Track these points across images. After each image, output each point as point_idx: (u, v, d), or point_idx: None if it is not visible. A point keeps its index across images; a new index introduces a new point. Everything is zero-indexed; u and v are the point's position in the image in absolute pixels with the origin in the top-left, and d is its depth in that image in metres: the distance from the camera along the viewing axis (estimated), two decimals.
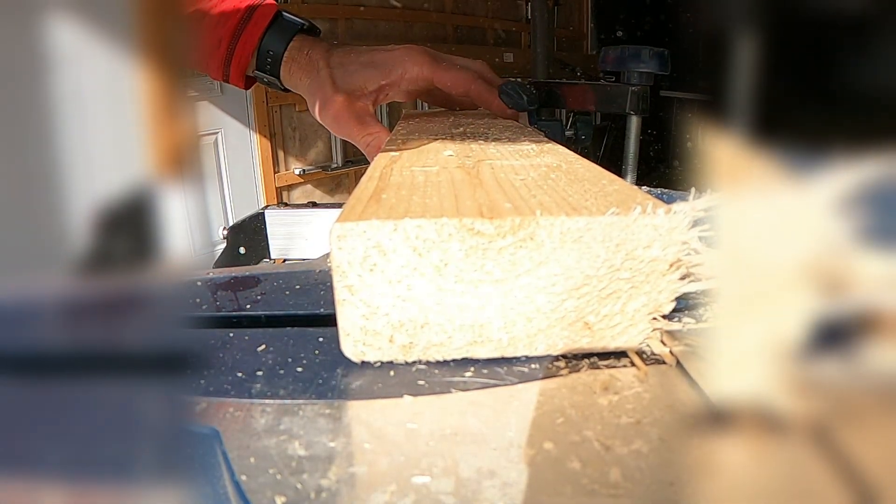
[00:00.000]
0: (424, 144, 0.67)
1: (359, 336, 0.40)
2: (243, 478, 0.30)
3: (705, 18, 0.35)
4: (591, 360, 0.40)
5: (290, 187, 4.16)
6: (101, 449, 0.28)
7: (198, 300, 0.54)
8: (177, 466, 0.30)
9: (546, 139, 0.73)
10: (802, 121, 0.31)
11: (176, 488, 0.29)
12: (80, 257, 0.30)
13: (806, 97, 0.31)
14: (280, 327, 0.48)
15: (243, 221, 1.66)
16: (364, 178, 0.50)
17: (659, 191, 0.87)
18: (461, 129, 0.80)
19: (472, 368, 0.40)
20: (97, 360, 0.28)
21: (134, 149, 0.32)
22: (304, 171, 4.13)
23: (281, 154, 4.09)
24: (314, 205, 1.71)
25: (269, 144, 3.95)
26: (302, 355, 0.43)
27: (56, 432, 0.28)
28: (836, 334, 0.30)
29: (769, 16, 0.30)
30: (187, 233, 0.32)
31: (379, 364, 0.41)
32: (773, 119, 0.31)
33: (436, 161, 0.56)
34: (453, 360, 0.41)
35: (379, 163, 0.56)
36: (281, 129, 4.06)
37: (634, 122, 1.24)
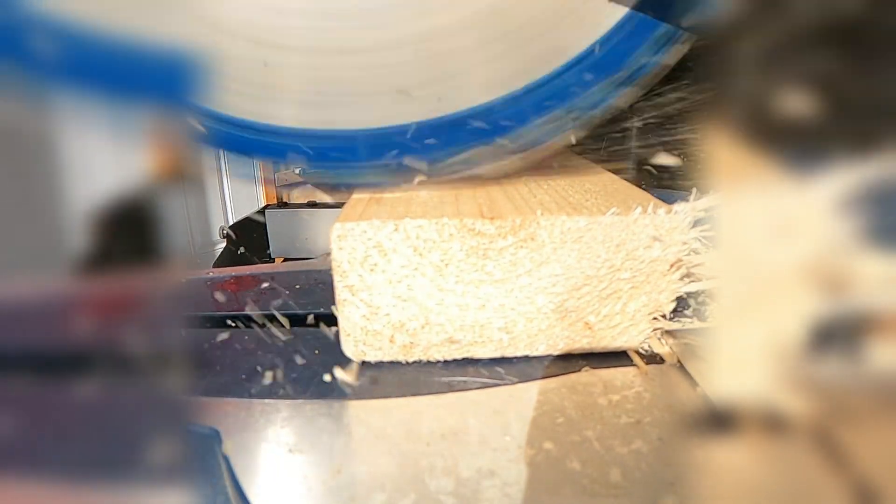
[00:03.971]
0: None
1: (359, 336, 0.40)
2: (243, 477, 0.30)
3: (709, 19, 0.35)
4: (592, 360, 0.40)
5: (290, 186, 4.16)
6: (102, 448, 0.28)
7: (197, 300, 0.54)
8: (177, 466, 0.30)
9: None
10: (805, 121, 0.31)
11: (176, 488, 0.29)
12: (80, 257, 0.30)
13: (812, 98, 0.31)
14: (280, 327, 0.48)
15: (243, 221, 1.66)
16: None
17: (660, 191, 0.87)
18: None
19: (472, 368, 0.40)
20: (97, 359, 0.29)
21: (134, 149, 0.32)
22: (304, 170, 4.12)
23: None
24: (314, 204, 1.71)
25: None
26: (302, 355, 0.43)
27: (56, 432, 0.28)
28: (836, 334, 0.30)
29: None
30: (187, 232, 0.32)
31: (379, 364, 0.41)
32: (774, 120, 0.31)
33: None
34: (454, 360, 0.41)
35: None
36: None
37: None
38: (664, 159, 0.47)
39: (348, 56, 0.43)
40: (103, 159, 0.33)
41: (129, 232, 0.31)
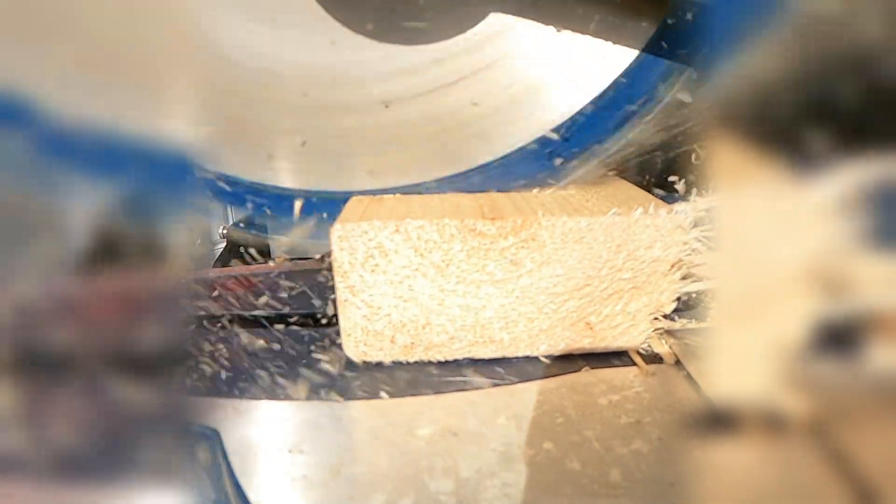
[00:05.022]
0: None
1: (360, 336, 0.40)
2: (243, 477, 0.30)
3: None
4: (592, 360, 0.41)
5: None
6: (101, 448, 0.28)
7: (198, 299, 0.54)
8: (177, 466, 0.30)
9: None
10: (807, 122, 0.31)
11: (176, 488, 0.29)
12: (81, 256, 0.30)
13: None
14: (281, 327, 0.48)
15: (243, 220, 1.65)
16: None
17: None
18: None
19: (473, 368, 0.40)
20: (97, 359, 0.29)
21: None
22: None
23: None
24: None
25: None
26: (303, 355, 0.43)
27: (55, 432, 0.28)
28: (836, 335, 0.30)
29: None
30: (187, 232, 0.32)
31: (380, 364, 0.41)
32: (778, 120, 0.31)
33: None
34: (454, 360, 0.41)
35: None
36: None
37: None
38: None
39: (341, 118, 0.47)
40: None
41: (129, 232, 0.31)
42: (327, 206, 0.49)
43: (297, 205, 0.50)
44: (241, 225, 0.61)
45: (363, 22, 0.45)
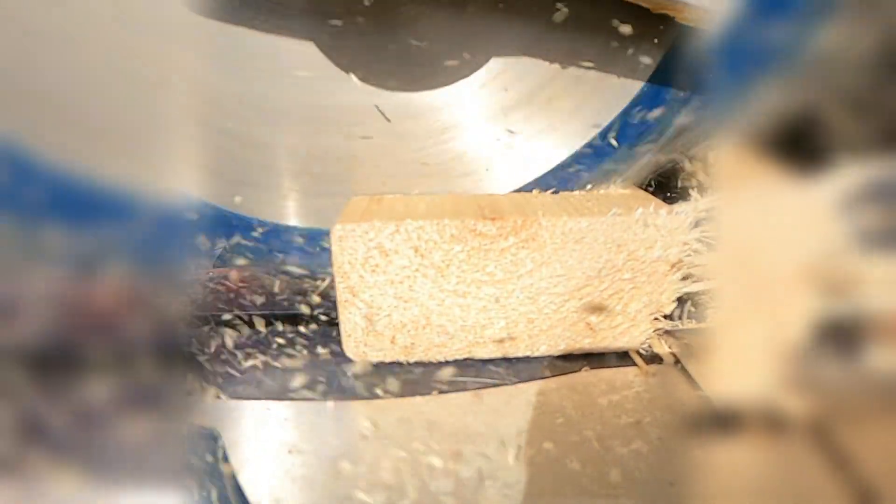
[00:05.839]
0: None
1: (360, 337, 0.40)
2: (243, 477, 0.30)
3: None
4: (592, 360, 0.40)
5: None
6: (101, 448, 0.28)
7: (198, 299, 0.54)
8: (177, 466, 0.30)
9: None
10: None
11: (176, 488, 0.29)
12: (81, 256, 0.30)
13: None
14: (282, 326, 0.48)
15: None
16: None
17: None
18: None
19: (473, 368, 0.40)
20: (98, 359, 0.29)
21: None
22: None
23: None
24: None
25: None
26: (303, 355, 0.43)
27: (55, 431, 0.28)
28: (837, 335, 0.30)
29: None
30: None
31: (380, 364, 0.41)
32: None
33: None
34: (454, 360, 0.41)
35: None
36: None
37: None
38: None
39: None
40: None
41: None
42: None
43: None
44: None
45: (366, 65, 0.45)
